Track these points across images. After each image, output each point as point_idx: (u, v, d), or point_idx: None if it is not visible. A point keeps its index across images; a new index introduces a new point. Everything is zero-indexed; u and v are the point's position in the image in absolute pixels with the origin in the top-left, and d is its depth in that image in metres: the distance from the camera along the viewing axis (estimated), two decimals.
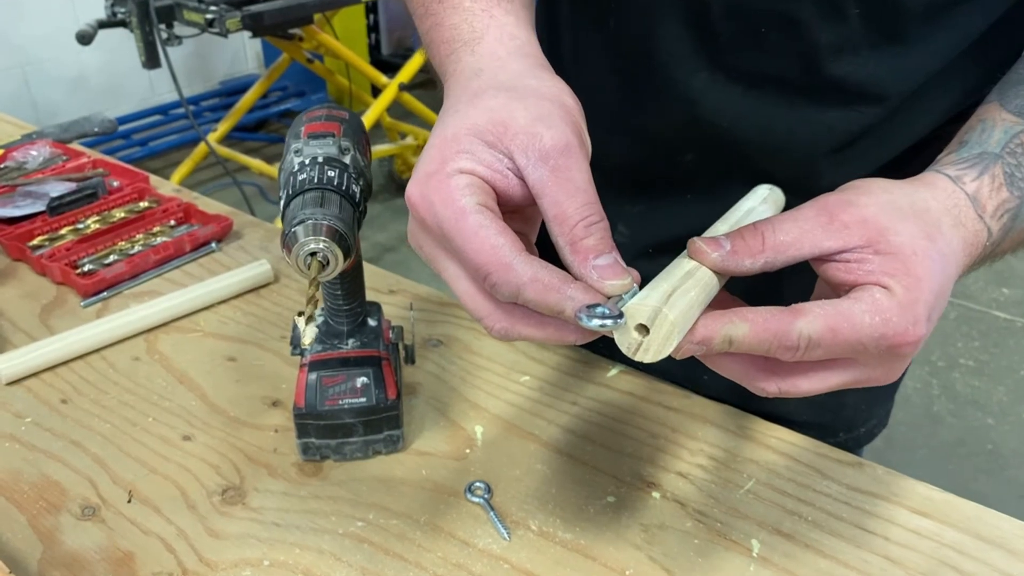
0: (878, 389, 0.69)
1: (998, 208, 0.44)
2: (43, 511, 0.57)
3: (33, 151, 1.07)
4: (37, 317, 0.78)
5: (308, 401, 0.59)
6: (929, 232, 0.40)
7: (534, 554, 0.54)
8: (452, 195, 0.38)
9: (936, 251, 0.39)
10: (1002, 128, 0.46)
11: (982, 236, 0.43)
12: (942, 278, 0.39)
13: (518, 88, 0.41)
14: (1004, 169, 0.44)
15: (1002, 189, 0.44)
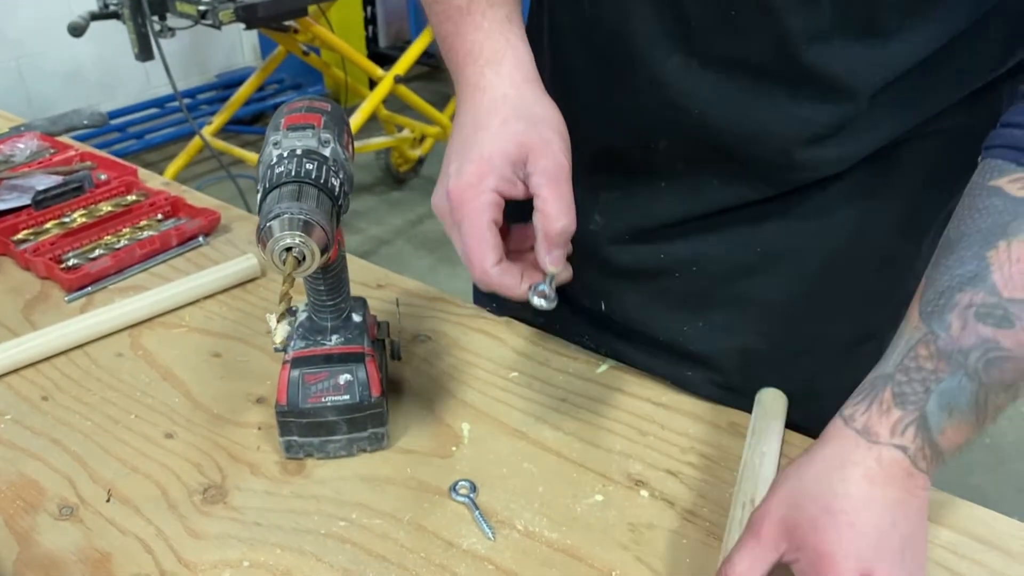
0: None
1: (894, 427, 0.45)
2: (20, 511, 0.56)
3: (20, 144, 1.06)
4: (20, 312, 0.77)
5: (290, 399, 0.57)
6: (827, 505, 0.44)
7: (519, 554, 0.53)
8: (479, 209, 0.51)
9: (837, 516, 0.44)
10: (905, 339, 0.47)
11: (894, 457, 0.45)
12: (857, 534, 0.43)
13: (533, 117, 0.53)
14: (893, 391, 0.45)
15: (892, 411, 0.45)
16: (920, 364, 0.45)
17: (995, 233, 0.45)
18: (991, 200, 0.46)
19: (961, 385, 0.44)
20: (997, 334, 0.44)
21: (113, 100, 3.03)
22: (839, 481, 0.45)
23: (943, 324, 0.45)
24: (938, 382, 0.44)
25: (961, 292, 0.45)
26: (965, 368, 0.44)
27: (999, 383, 0.45)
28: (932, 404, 0.45)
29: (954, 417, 0.45)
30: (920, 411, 0.45)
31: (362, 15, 3.53)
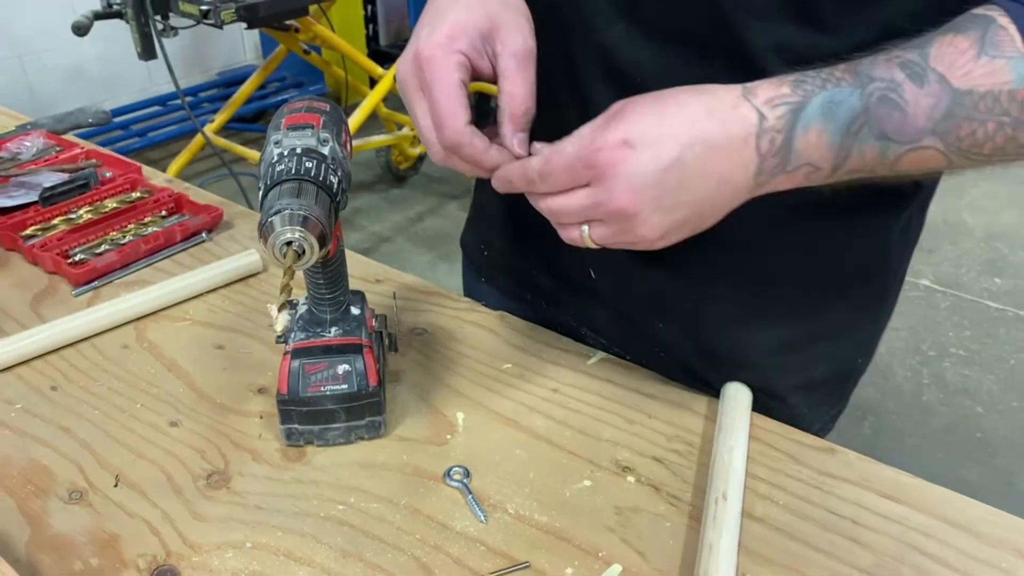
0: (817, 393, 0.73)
1: (773, 99, 0.47)
2: (31, 495, 0.58)
3: (27, 142, 1.08)
4: (28, 306, 0.79)
5: (291, 388, 0.60)
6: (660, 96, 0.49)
7: (510, 536, 0.55)
8: (449, 67, 0.52)
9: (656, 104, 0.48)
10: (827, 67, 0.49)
11: (750, 117, 0.47)
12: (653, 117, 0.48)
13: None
14: (795, 78, 0.48)
15: (783, 86, 0.47)
16: (832, 73, 0.48)
17: (947, 29, 0.48)
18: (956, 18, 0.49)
19: (851, 101, 0.47)
20: (905, 82, 0.47)
21: (115, 98, 3.05)
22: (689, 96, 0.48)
23: (870, 60, 0.48)
24: (837, 88, 0.47)
25: (897, 49, 0.48)
26: (863, 89, 0.47)
27: (878, 127, 0.47)
28: (817, 100, 0.47)
29: (824, 124, 0.47)
30: (805, 100, 0.47)
31: (362, 14, 3.55)
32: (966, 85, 0.46)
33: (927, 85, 0.46)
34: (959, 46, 0.46)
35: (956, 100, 0.46)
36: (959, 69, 0.46)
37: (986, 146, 0.48)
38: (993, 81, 0.46)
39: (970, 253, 2.76)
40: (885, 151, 0.48)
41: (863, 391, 2.11)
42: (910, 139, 0.47)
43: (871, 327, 0.75)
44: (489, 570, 0.53)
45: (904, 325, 2.40)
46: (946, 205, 3.11)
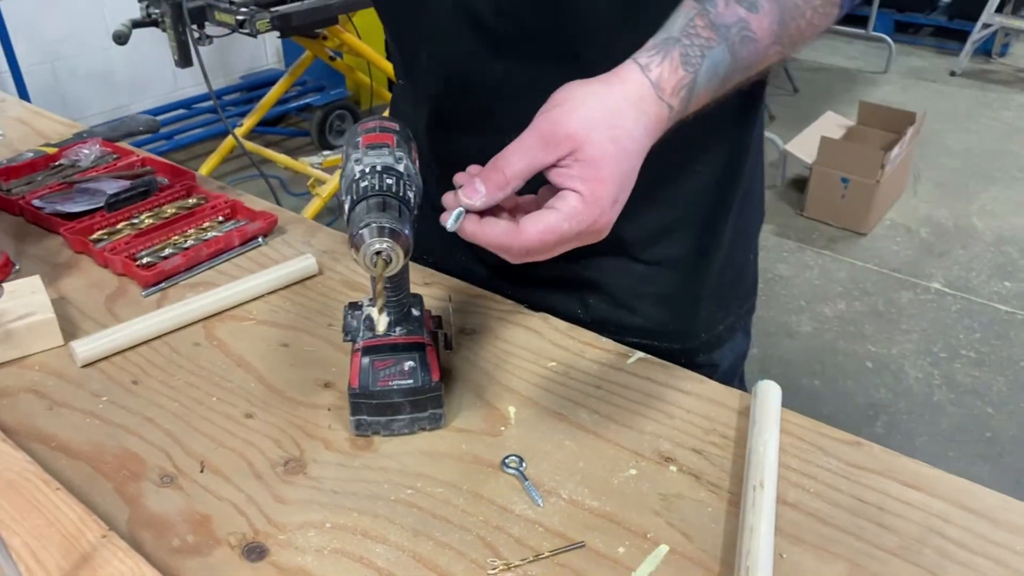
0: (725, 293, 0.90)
1: (676, 87, 0.55)
2: (126, 479, 0.64)
3: (85, 150, 1.14)
4: (103, 305, 0.85)
5: (362, 382, 0.65)
6: (615, 136, 0.53)
7: (565, 519, 0.60)
8: None
9: (620, 150, 0.53)
10: (683, 14, 0.56)
11: (664, 113, 0.55)
12: (626, 168, 0.53)
13: None
14: (681, 51, 0.55)
15: (679, 70, 0.54)
16: (699, 32, 0.55)
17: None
18: None
19: (723, 56, 0.55)
20: (749, 16, 0.55)
21: (142, 102, 3.12)
22: (634, 121, 0.54)
23: (712, 3, 0.55)
24: (711, 50, 0.54)
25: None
26: (728, 40, 0.55)
27: (742, 62, 0.56)
28: (704, 69, 0.55)
29: (708, 86, 0.56)
30: (695, 74, 0.54)
31: None
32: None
33: (760, 8, 0.55)
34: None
35: (783, 7, 0.56)
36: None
37: (808, 31, 0.58)
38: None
39: (980, 257, 2.81)
40: (746, 75, 0.58)
41: (875, 391, 2.17)
42: (762, 58, 0.57)
43: (749, 228, 0.92)
44: (548, 548, 0.58)
45: (916, 327, 2.45)
46: (957, 210, 3.16)
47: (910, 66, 4.71)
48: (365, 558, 0.57)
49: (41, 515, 0.56)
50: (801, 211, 3.11)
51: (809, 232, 3.00)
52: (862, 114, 3.28)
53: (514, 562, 0.57)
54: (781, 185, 3.30)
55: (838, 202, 3.02)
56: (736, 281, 0.93)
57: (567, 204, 0.53)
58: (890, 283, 2.69)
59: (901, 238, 2.97)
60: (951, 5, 4.94)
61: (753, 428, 0.67)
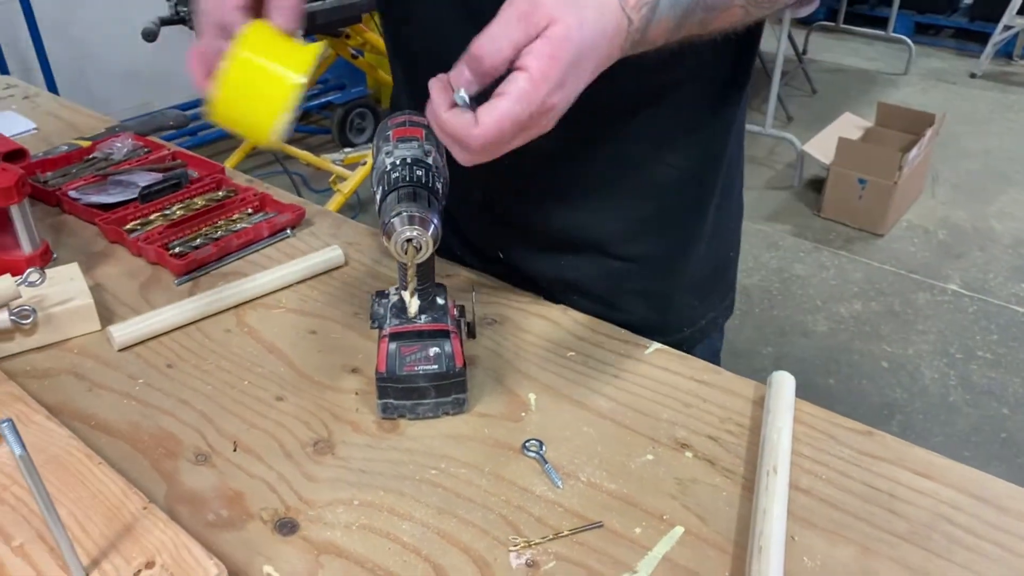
0: (705, 289, 0.92)
1: (639, 2, 0.55)
2: (162, 456, 0.67)
3: (118, 143, 1.17)
4: (137, 293, 0.88)
5: (389, 367, 0.68)
6: (581, 22, 0.53)
7: (584, 500, 0.63)
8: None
9: (579, 36, 0.53)
10: None
11: (623, 24, 0.55)
12: (577, 55, 0.53)
13: None
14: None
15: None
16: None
17: None
18: None
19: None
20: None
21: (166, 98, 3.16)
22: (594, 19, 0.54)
23: None
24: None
25: None
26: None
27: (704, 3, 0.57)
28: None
29: (672, 11, 0.56)
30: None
31: None
32: None
33: None
34: None
35: None
36: None
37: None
38: None
39: (998, 259, 2.80)
40: (705, 21, 0.58)
41: (890, 391, 2.17)
42: (725, 4, 0.58)
43: (730, 225, 0.94)
44: (567, 528, 0.60)
45: (932, 328, 2.45)
46: (975, 211, 3.15)
47: (930, 68, 4.69)
48: (391, 534, 0.60)
49: (85, 488, 0.59)
50: (818, 212, 3.11)
51: (826, 233, 3.01)
52: (880, 115, 3.28)
53: (534, 540, 0.59)
54: (798, 186, 3.30)
55: (855, 203, 3.02)
56: (716, 277, 0.95)
57: (516, 86, 0.53)
58: (907, 284, 2.69)
59: (918, 239, 2.97)
60: (972, 7, 4.92)
61: (767, 416, 0.69)
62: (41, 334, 0.78)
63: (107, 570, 0.52)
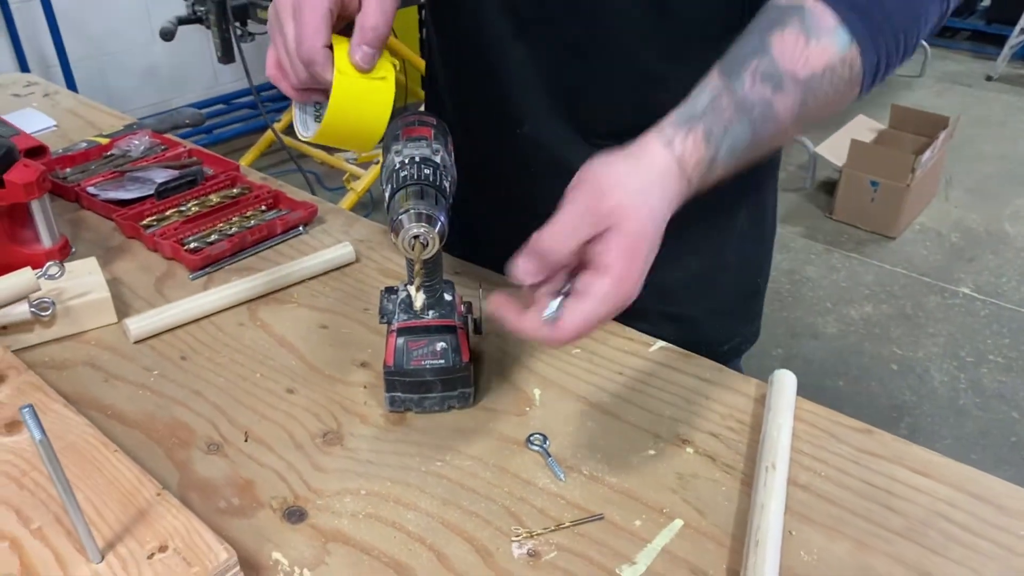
0: (730, 314, 0.93)
1: (697, 163, 0.56)
2: (176, 446, 0.69)
3: (135, 140, 1.19)
4: (153, 287, 0.90)
5: (396, 361, 0.69)
6: (652, 213, 0.54)
7: (585, 493, 0.64)
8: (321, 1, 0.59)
9: (653, 226, 0.54)
10: (709, 90, 0.57)
11: (684, 188, 0.57)
12: (654, 244, 0.55)
13: None
14: (704, 128, 0.56)
15: (700, 146, 0.56)
16: (723, 110, 0.56)
17: (772, 24, 0.58)
18: (769, 12, 0.59)
19: (744, 134, 0.57)
20: (774, 97, 0.57)
21: (183, 96, 3.21)
22: (659, 198, 0.55)
23: (739, 81, 0.57)
24: (732, 127, 0.56)
25: (750, 59, 0.57)
26: (750, 119, 0.56)
27: (761, 139, 0.58)
28: (724, 146, 0.56)
29: (727, 162, 0.57)
30: (716, 150, 0.56)
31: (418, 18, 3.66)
32: (809, 72, 0.57)
33: (785, 89, 0.57)
34: (790, 39, 0.56)
35: (807, 89, 0.57)
36: (799, 61, 0.57)
37: (825, 112, 0.59)
38: (827, 57, 0.57)
39: (1011, 263, 2.79)
40: (761, 152, 0.59)
41: (899, 394, 2.17)
42: (780, 136, 0.59)
43: (759, 252, 0.94)
44: (569, 519, 0.61)
45: (943, 332, 2.44)
46: (989, 215, 3.14)
47: (946, 70, 4.66)
48: (397, 523, 0.61)
49: (101, 474, 0.61)
50: (830, 214, 3.11)
51: (837, 235, 3.00)
52: (894, 118, 3.27)
53: (536, 530, 0.60)
54: (810, 188, 3.30)
55: (867, 205, 3.01)
56: (742, 303, 0.95)
57: (600, 288, 0.53)
58: (918, 287, 2.69)
59: (931, 242, 2.96)
60: (989, 9, 4.89)
61: (768, 414, 0.70)
62: (59, 326, 0.80)
63: (122, 553, 0.54)
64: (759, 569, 0.55)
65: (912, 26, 0.58)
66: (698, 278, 0.88)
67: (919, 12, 0.58)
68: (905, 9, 0.57)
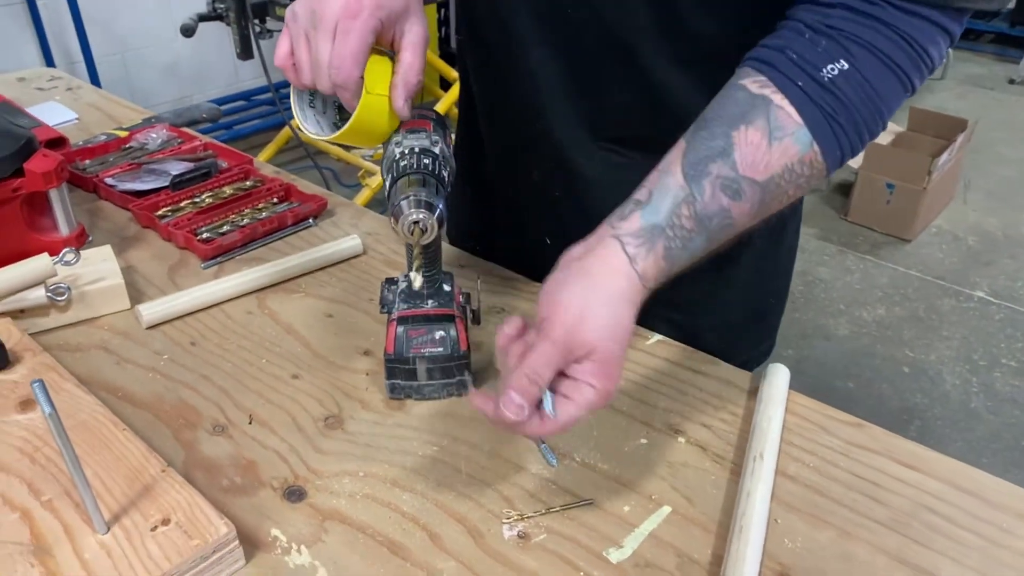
0: (737, 331, 0.93)
1: (656, 276, 0.58)
2: (183, 427, 0.71)
3: (153, 134, 1.22)
4: (165, 275, 0.93)
5: (396, 349, 0.71)
6: (617, 336, 0.56)
7: (577, 479, 0.66)
8: (368, 28, 0.60)
9: (620, 346, 0.56)
10: (672, 194, 0.57)
11: (644, 295, 0.58)
12: (621, 356, 0.57)
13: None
14: (664, 245, 0.57)
15: (660, 262, 0.57)
16: (682, 223, 0.57)
17: (737, 118, 0.57)
18: (737, 94, 0.58)
19: (700, 244, 0.58)
20: (732, 205, 0.57)
21: (204, 93, 3.25)
22: (625, 316, 0.57)
23: (700, 189, 0.57)
24: (691, 241, 0.57)
25: (712, 163, 0.57)
26: (708, 231, 0.58)
27: (717, 242, 0.59)
28: (683, 257, 0.58)
29: (684, 262, 0.59)
30: (673, 263, 0.58)
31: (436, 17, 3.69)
32: (768, 175, 0.57)
33: (743, 196, 0.57)
34: (753, 141, 0.57)
35: (766, 190, 0.58)
36: (760, 164, 0.57)
37: (788, 201, 0.60)
38: (786, 159, 0.57)
39: None
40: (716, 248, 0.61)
41: (910, 396, 2.16)
42: (735, 235, 0.60)
43: (775, 272, 0.93)
44: (559, 503, 0.63)
45: (956, 335, 2.43)
46: (1007, 219, 3.11)
47: (968, 73, 4.62)
48: (393, 503, 0.63)
49: (110, 451, 0.63)
50: (845, 215, 3.10)
51: (852, 237, 2.99)
52: (912, 120, 3.25)
53: (527, 513, 0.62)
54: (825, 189, 3.29)
55: (883, 208, 3.00)
56: (752, 321, 0.95)
57: (584, 397, 0.56)
58: (933, 290, 2.67)
59: (947, 246, 2.94)
60: (1013, 12, 4.84)
61: (759, 406, 0.71)
62: (74, 311, 0.83)
63: (127, 525, 0.57)
64: (741, 554, 0.57)
65: (874, 118, 0.58)
66: (703, 292, 0.88)
67: (879, 106, 0.58)
68: (867, 102, 0.57)
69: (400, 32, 0.63)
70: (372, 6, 0.60)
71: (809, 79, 0.56)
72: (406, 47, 0.63)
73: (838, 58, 0.56)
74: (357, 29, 0.59)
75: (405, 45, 0.63)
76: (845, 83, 0.56)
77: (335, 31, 0.60)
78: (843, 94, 0.56)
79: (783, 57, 0.57)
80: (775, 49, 0.58)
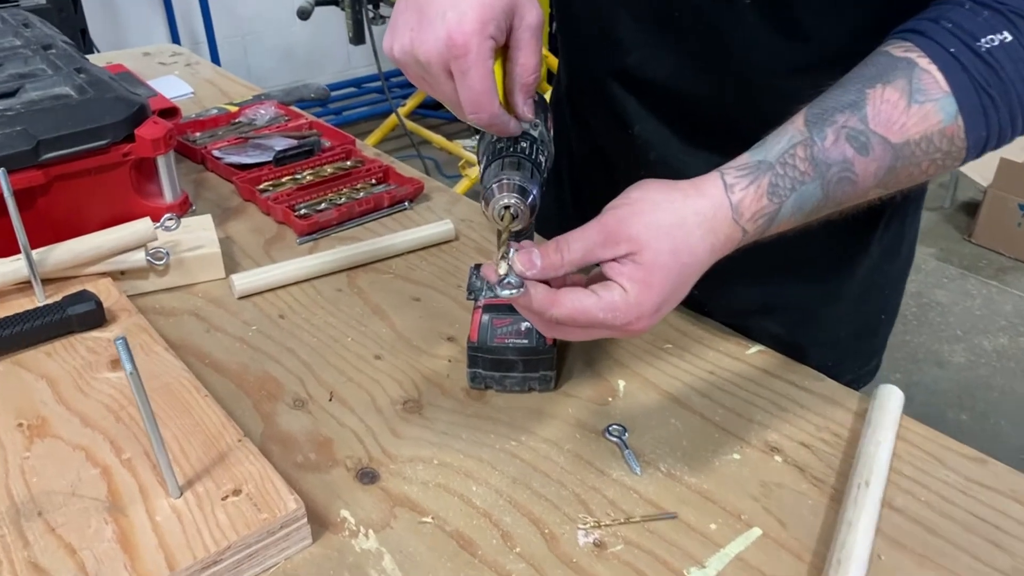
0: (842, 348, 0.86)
1: (756, 214, 0.52)
2: (264, 398, 0.71)
3: (261, 110, 1.25)
4: (262, 248, 0.94)
5: (480, 337, 0.69)
6: (676, 248, 0.51)
7: (661, 490, 0.62)
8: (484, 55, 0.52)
9: (676, 264, 0.51)
10: (788, 137, 0.52)
11: (737, 235, 0.52)
12: (677, 282, 0.52)
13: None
14: (771, 180, 0.51)
15: (763, 199, 0.51)
16: (796, 163, 0.52)
17: (876, 78, 0.53)
18: (878, 58, 0.54)
19: (814, 192, 0.52)
20: (856, 158, 0.51)
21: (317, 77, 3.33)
22: (699, 239, 0.52)
23: (821, 135, 0.52)
24: (803, 184, 0.52)
25: (840, 113, 0.52)
26: (823, 178, 0.52)
27: (836, 200, 0.53)
28: (789, 203, 0.52)
29: (792, 217, 0.53)
30: (779, 206, 0.52)
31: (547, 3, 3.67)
32: (903, 138, 0.51)
33: (871, 152, 0.51)
34: (890, 99, 0.51)
35: (897, 154, 0.51)
36: (895, 124, 0.51)
37: (918, 178, 0.54)
38: (926, 125, 0.51)
39: None
40: (839, 210, 0.55)
41: None
42: (859, 197, 0.54)
43: (888, 286, 0.86)
44: (640, 514, 0.59)
45: None
46: None
47: None
48: (465, 496, 0.61)
49: (189, 416, 0.63)
50: (969, 236, 2.90)
51: (976, 259, 2.80)
52: None
53: (605, 521, 0.59)
54: (949, 207, 3.09)
55: (1013, 230, 2.79)
56: (859, 339, 0.88)
57: (609, 296, 0.51)
58: None
59: None
60: None
61: (867, 429, 0.65)
62: (171, 276, 0.85)
63: (199, 491, 0.56)
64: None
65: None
66: (811, 305, 0.82)
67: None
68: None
69: (510, 27, 0.54)
70: (478, 27, 0.50)
71: (963, 46, 0.50)
72: (518, 44, 0.55)
73: (1001, 29, 0.50)
74: (474, 63, 0.51)
75: (517, 41, 0.55)
76: (1005, 56, 0.50)
77: (460, 75, 0.52)
78: (1000, 66, 0.50)
79: (936, 26, 0.52)
80: (928, 19, 0.53)
